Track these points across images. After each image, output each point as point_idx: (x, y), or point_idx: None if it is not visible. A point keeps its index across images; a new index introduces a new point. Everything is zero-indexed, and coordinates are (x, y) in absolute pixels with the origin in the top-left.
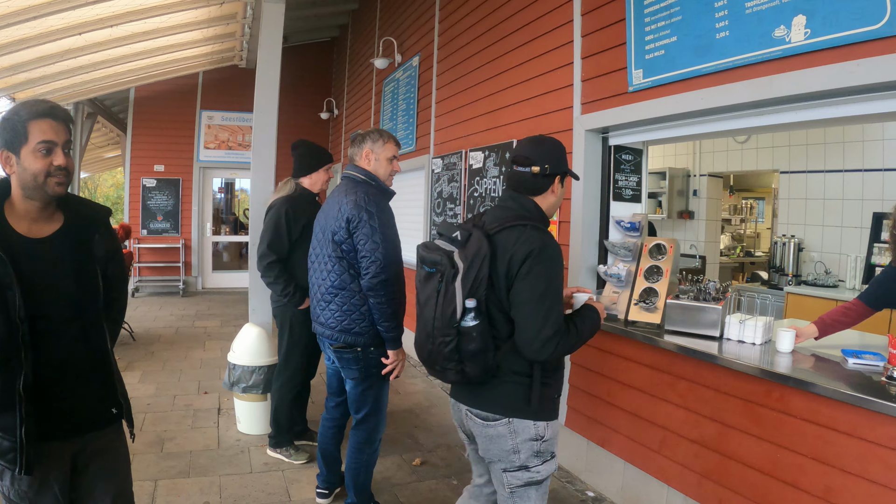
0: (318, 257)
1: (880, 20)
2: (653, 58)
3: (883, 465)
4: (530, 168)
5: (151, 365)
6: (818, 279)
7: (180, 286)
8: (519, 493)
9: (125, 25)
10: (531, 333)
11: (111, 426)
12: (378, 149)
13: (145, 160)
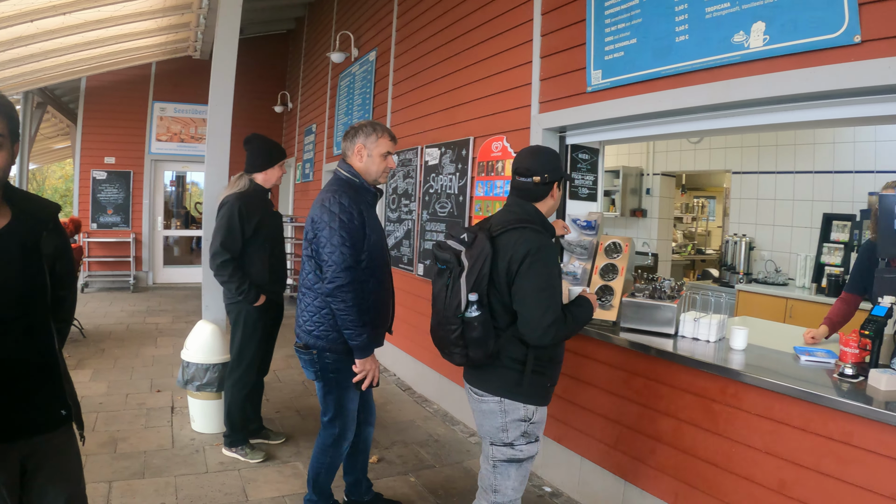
0: (304, 252)
1: (838, 29)
2: (612, 59)
3: (835, 459)
4: (532, 178)
5: (102, 363)
6: (769, 277)
7: (131, 281)
8: (501, 468)
9: (79, 13)
10: (534, 322)
11: (61, 428)
12: (371, 144)
13: (96, 152)
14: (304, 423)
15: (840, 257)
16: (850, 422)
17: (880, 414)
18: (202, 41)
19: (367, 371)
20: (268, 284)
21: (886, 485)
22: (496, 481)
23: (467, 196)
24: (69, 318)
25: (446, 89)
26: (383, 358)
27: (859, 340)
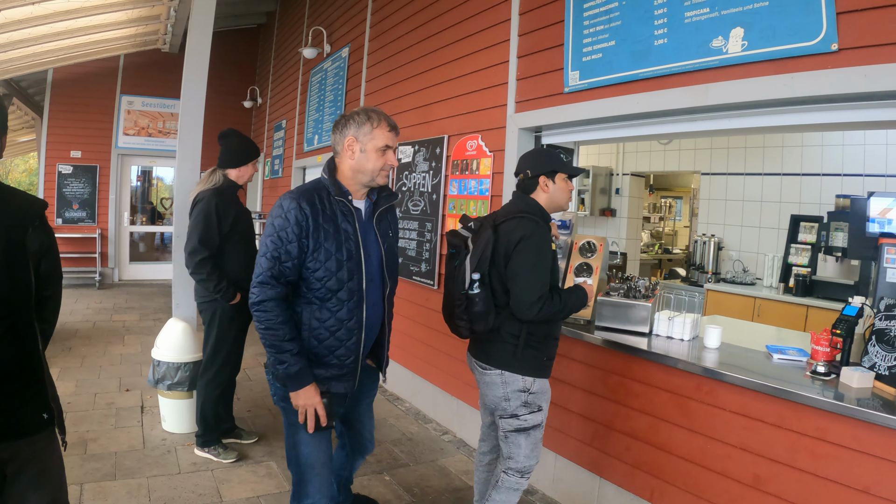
0: None
1: (816, 37)
2: (590, 60)
3: (809, 454)
4: (518, 176)
5: (69, 361)
6: (737, 277)
7: (96, 278)
8: (511, 437)
9: (48, 3)
10: (521, 297)
11: (42, 432)
12: (364, 136)
13: (62, 146)
14: (276, 422)
15: (807, 258)
16: (823, 418)
17: (853, 410)
18: (172, 34)
19: (300, 408)
20: (244, 282)
21: (859, 479)
22: (509, 450)
23: (441, 194)
24: (53, 319)
25: (420, 87)
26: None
27: (831, 339)
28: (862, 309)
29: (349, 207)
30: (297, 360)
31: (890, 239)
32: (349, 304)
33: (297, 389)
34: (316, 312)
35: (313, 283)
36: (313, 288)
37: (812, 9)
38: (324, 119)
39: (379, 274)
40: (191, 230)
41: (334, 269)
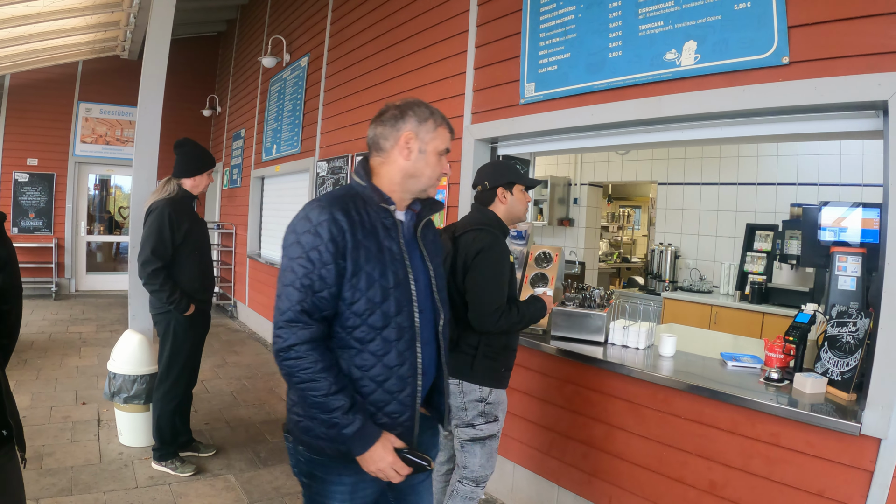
0: None
1: (767, 50)
2: (546, 72)
3: (763, 459)
4: (476, 187)
5: (25, 374)
6: (694, 285)
7: (53, 288)
8: (467, 447)
9: (5, 8)
10: (478, 309)
11: (1, 450)
12: (426, 134)
13: (18, 153)
14: (234, 435)
15: (763, 265)
16: (776, 424)
17: (806, 415)
18: (131, 41)
19: (378, 473)
20: (198, 293)
21: (813, 482)
22: (465, 459)
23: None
24: (14, 334)
25: (378, 97)
26: None
27: (784, 346)
28: (814, 316)
29: (393, 220)
30: (352, 416)
31: (841, 247)
32: (399, 346)
33: (365, 451)
34: (355, 359)
35: (349, 320)
36: (349, 326)
37: (764, 23)
38: (282, 129)
39: (429, 303)
40: (144, 240)
41: (378, 301)
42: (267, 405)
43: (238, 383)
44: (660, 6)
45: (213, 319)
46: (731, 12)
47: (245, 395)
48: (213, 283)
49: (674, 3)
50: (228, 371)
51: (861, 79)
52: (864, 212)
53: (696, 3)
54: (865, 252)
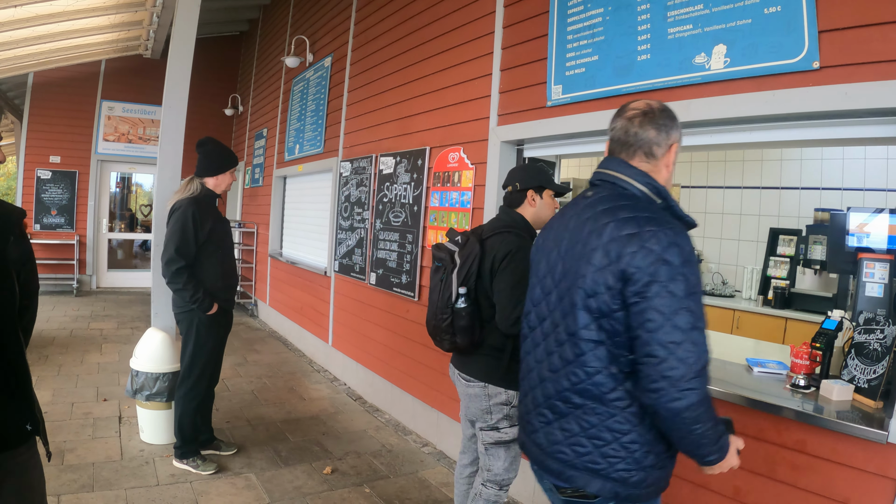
0: (547, 323)
1: (798, 55)
2: (573, 75)
3: (788, 466)
4: (506, 188)
5: (46, 370)
6: (716, 289)
7: (74, 285)
8: (491, 450)
9: (31, 6)
10: (506, 312)
11: (25, 444)
12: (671, 143)
13: (41, 150)
14: (254, 434)
15: (786, 270)
16: (802, 430)
17: (832, 423)
18: (154, 40)
19: (724, 466)
20: (221, 292)
21: (838, 491)
22: (489, 462)
23: (422, 206)
24: (30, 328)
25: (403, 98)
26: (332, 365)
27: (810, 352)
28: (841, 322)
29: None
30: (718, 421)
31: (869, 254)
32: None
33: (725, 456)
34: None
35: None
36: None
37: (794, 27)
38: (305, 128)
39: None
40: (167, 239)
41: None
42: (287, 404)
43: (258, 382)
44: (689, 9)
45: (234, 317)
46: (761, 16)
47: (266, 393)
48: (236, 281)
49: (703, 7)
50: (249, 370)
51: (892, 85)
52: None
53: (726, 7)
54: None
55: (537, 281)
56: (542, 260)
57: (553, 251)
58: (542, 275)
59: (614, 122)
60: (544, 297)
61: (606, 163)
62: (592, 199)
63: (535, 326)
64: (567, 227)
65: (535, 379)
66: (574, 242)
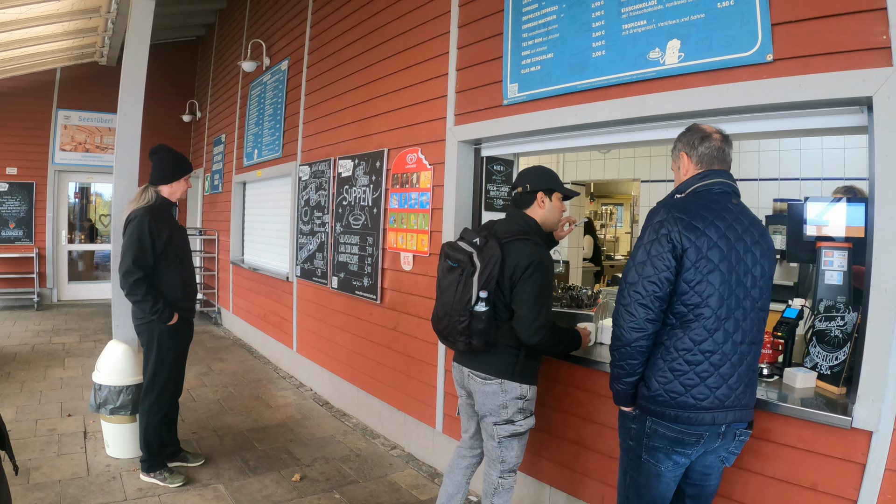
0: (744, 304)
1: (751, 48)
2: (528, 73)
3: (755, 455)
4: (516, 189)
5: (8, 387)
6: None
7: (34, 299)
8: (505, 443)
9: None
10: (528, 322)
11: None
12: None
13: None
14: (221, 444)
15: None
16: (767, 419)
17: (797, 410)
18: (109, 47)
19: None
20: (181, 301)
21: (805, 476)
22: (502, 454)
23: (381, 208)
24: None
25: (360, 100)
26: (297, 372)
27: (772, 341)
28: (802, 311)
29: None
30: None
31: (827, 242)
32: None
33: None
34: None
35: None
36: None
37: (747, 20)
38: (263, 133)
39: None
40: (124, 250)
41: None
42: (254, 412)
43: (224, 391)
44: (643, 5)
45: (197, 326)
46: (715, 10)
47: (232, 402)
48: (195, 290)
49: (657, 2)
50: (214, 378)
51: (845, 75)
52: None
53: (679, 2)
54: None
55: (732, 264)
56: (733, 243)
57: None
58: (731, 259)
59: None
60: (726, 278)
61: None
62: (735, 206)
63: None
64: (734, 215)
65: (731, 347)
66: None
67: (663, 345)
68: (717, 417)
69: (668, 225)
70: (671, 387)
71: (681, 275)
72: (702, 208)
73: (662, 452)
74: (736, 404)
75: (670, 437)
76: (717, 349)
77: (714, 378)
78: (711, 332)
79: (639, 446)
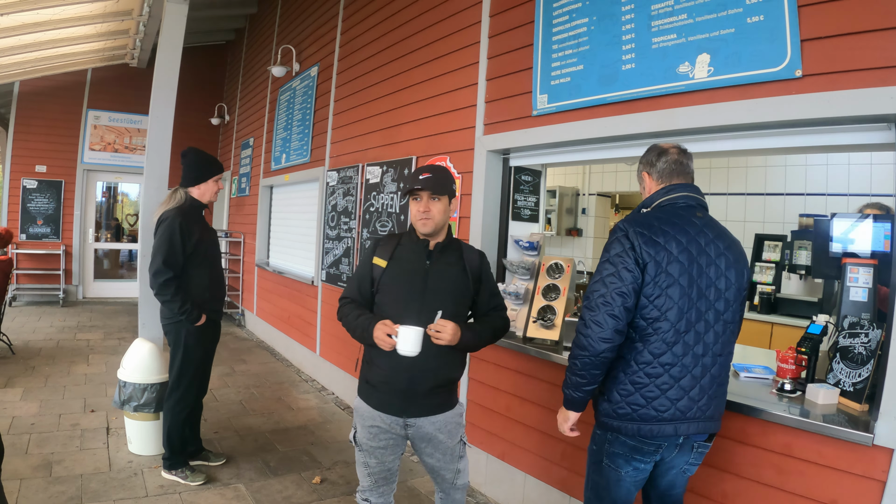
0: (707, 317)
1: (780, 63)
2: (558, 84)
3: (775, 470)
4: None
5: (33, 381)
6: None
7: (60, 295)
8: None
9: (17, 15)
10: None
11: None
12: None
13: (27, 160)
14: (243, 444)
15: (772, 276)
16: (789, 434)
17: (818, 426)
18: (140, 49)
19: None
20: (208, 303)
21: (825, 493)
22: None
23: (409, 215)
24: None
25: (389, 108)
26: (319, 375)
27: (796, 357)
28: (826, 327)
29: None
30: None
31: (853, 259)
32: None
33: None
34: None
35: None
36: None
37: (777, 36)
38: (291, 138)
39: None
40: (155, 250)
41: None
42: (275, 414)
43: (246, 392)
44: (673, 19)
45: (221, 327)
46: (744, 25)
47: (253, 403)
48: (223, 292)
49: (687, 16)
50: (236, 380)
51: (873, 92)
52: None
53: (710, 17)
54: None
55: (694, 279)
56: (697, 261)
57: (701, 255)
58: (694, 275)
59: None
60: (698, 294)
61: (688, 188)
62: (712, 222)
63: (694, 323)
64: (712, 233)
65: (695, 360)
66: (719, 244)
67: (624, 358)
68: (678, 429)
69: (631, 238)
70: (632, 399)
71: (640, 289)
72: (664, 223)
73: (622, 458)
74: (699, 416)
75: (630, 444)
76: (676, 361)
77: (675, 390)
78: (670, 344)
79: (600, 451)
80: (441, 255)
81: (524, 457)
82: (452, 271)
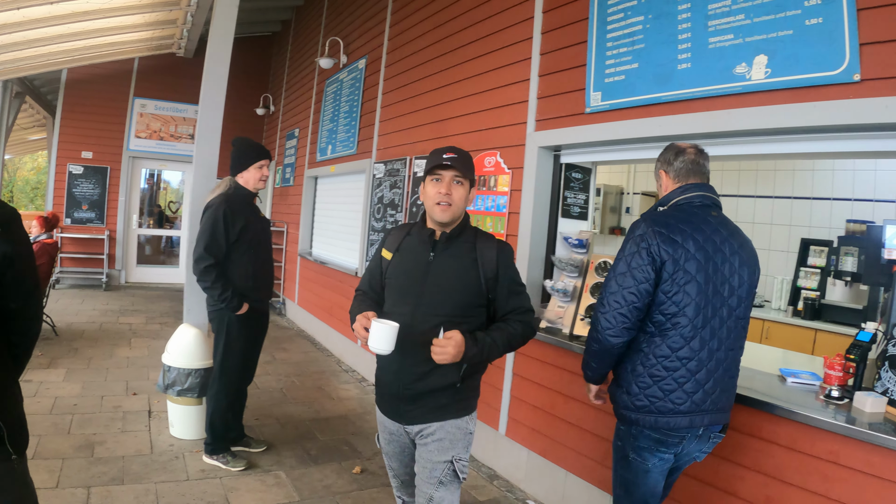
0: (721, 313)
1: (838, 67)
2: (612, 82)
3: (821, 477)
4: None
5: (76, 362)
6: None
7: (103, 279)
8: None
9: (66, 3)
10: None
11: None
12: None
13: (73, 146)
14: (283, 432)
15: (816, 281)
16: (836, 442)
17: (865, 434)
18: (188, 39)
19: None
20: (251, 292)
21: (870, 502)
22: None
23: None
24: (27, 333)
25: (438, 102)
26: (360, 366)
27: (844, 364)
28: (876, 335)
29: None
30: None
31: None
32: None
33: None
34: None
35: None
36: None
37: (835, 38)
38: (338, 129)
39: None
40: (198, 237)
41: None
42: (316, 403)
43: (287, 380)
44: (730, 19)
45: (269, 317)
46: (803, 27)
47: (294, 392)
48: (270, 282)
49: (744, 17)
50: (277, 368)
51: None
52: None
53: (767, 18)
54: None
55: (712, 279)
56: (718, 263)
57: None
58: (711, 274)
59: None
60: (714, 293)
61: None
62: (726, 222)
63: (715, 324)
64: (719, 237)
65: (714, 358)
66: (733, 247)
67: (642, 351)
68: (693, 421)
69: (648, 238)
70: (651, 391)
71: (659, 286)
72: (681, 221)
73: (647, 451)
74: (712, 408)
75: (654, 437)
76: (693, 356)
77: (691, 383)
78: (688, 339)
79: (625, 446)
80: (447, 246)
81: (566, 454)
82: (459, 265)
